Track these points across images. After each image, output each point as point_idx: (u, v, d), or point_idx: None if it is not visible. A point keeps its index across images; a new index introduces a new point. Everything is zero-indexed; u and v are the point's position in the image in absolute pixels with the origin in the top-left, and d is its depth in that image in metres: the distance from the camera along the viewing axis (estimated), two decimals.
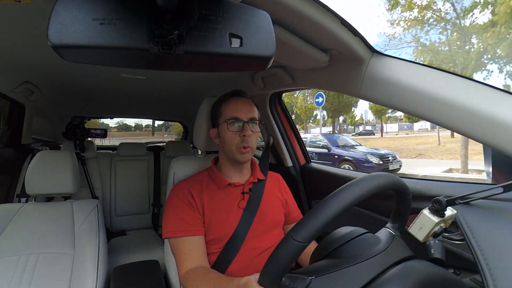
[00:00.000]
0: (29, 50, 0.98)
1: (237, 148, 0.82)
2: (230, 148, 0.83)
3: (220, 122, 0.85)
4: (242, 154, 0.82)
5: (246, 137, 0.81)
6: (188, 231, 0.77)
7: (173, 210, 0.81)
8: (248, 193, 0.86)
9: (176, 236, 0.77)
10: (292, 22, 0.60)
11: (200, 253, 0.76)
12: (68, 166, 1.15)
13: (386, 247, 0.50)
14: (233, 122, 0.82)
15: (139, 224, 1.96)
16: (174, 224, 0.78)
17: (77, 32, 0.29)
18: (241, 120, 0.82)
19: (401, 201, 0.57)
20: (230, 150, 0.83)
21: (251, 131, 0.82)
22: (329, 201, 0.44)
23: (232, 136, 0.82)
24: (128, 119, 35.40)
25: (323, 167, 1.36)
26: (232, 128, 0.82)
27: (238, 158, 0.83)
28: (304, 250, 0.42)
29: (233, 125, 0.82)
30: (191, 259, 0.74)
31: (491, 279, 0.36)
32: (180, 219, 0.78)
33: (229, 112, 0.83)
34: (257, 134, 0.87)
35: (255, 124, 0.85)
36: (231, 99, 0.86)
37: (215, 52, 0.33)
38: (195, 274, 0.70)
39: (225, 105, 0.85)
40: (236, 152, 0.82)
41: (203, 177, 0.89)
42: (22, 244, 1.00)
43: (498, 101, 0.53)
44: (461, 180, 0.88)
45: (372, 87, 0.71)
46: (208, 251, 0.80)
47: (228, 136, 0.82)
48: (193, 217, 0.79)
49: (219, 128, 0.86)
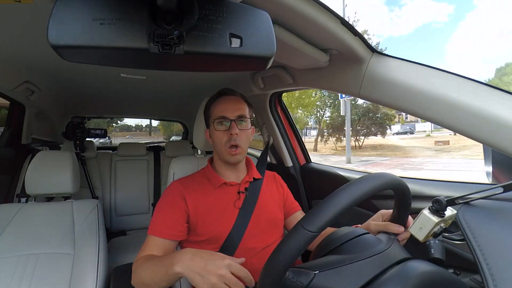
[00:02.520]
0: (29, 50, 0.98)
1: (226, 149, 0.81)
2: (219, 148, 0.83)
3: (210, 122, 0.86)
4: (232, 155, 0.82)
5: (233, 135, 0.80)
6: (166, 233, 0.76)
7: (161, 209, 0.81)
8: (244, 193, 0.86)
9: (153, 235, 0.76)
10: (292, 22, 0.60)
11: (162, 252, 0.75)
12: (68, 166, 1.15)
13: (387, 247, 0.51)
14: (221, 121, 0.82)
15: (139, 224, 1.96)
16: (156, 224, 0.78)
17: (77, 32, 0.29)
18: (228, 119, 0.81)
19: (401, 203, 0.57)
20: (220, 150, 0.83)
21: (239, 129, 0.81)
22: (340, 192, 0.44)
23: (220, 136, 0.82)
24: (129, 119, 36.31)
25: (323, 167, 1.36)
26: (219, 128, 0.82)
27: (228, 159, 0.83)
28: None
29: (221, 124, 0.82)
30: (150, 252, 0.73)
31: (491, 279, 0.36)
32: (163, 220, 0.78)
33: (217, 112, 0.83)
34: (248, 132, 0.85)
35: (244, 122, 0.84)
36: (219, 98, 0.86)
37: (215, 52, 0.33)
38: (140, 261, 0.70)
39: (214, 105, 0.85)
40: (226, 152, 0.82)
41: (199, 177, 0.89)
42: (22, 244, 1.00)
43: (498, 101, 0.53)
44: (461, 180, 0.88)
45: (372, 87, 0.71)
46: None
47: (216, 136, 0.83)
48: (177, 220, 0.78)
49: (210, 129, 0.86)
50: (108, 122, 7.12)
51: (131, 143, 2.20)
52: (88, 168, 1.84)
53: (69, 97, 1.74)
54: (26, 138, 1.62)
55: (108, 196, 1.92)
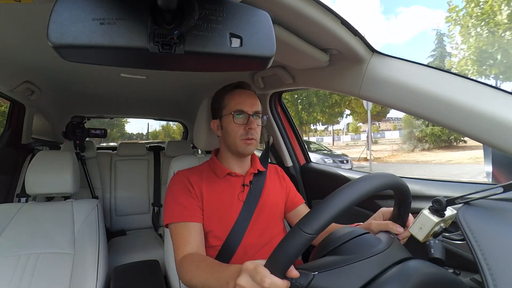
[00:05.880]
0: (29, 50, 0.98)
1: (241, 140, 0.81)
2: (233, 140, 0.82)
3: (224, 114, 0.84)
4: (247, 145, 0.82)
5: (252, 129, 0.81)
6: (187, 215, 0.77)
7: (173, 196, 0.81)
8: (249, 186, 0.86)
9: (176, 222, 0.77)
10: (292, 22, 0.60)
11: (198, 239, 0.76)
12: (68, 166, 1.15)
13: (387, 247, 0.51)
14: (238, 114, 0.82)
15: (139, 224, 1.96)
16: (174, 210, 0.78)
17: (77, 32, 0.29)
18: (246, 113, 0.82)
19: (401, 203, 0.57)
20: (234, 142, 0.83)
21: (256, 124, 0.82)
22: (339, 193, 0.44)
23: (236, 128, 0.82)
24: (129, 128, 37.42)
25: (323, 167, 1.36)
26: (237, 121, 0.82)
27: (241, 150, 0.83)
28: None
29: (238, 117, 0.82)
30: (188, 244, 0.73)
31: (491, 279, 0.36)
32: (180, 204, 0.78)
33: (234, 104, 0.82)
34: (260, 128, 0.87)
35: (258, 118, 0.85)
36: (236, 90, 0.85)
37: (215, 52, 0.33)
38: (190, 259, 0.69)
39: (230, 96, 0.84)
40: (240, 143, 0.82)
41: (204, 168, 0.89)
42: (22, 244, 1.00)
43: (498, 101, 0.53)
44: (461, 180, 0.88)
45: (372, 87, 0.71)
46: (209, 244, 0.80)
47: (232, 128, 0.82)
48: (192, 204, 0.79)
49: (223, 120, 0.85)
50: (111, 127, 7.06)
51: (131, 143, 2.20)
52: (88, 168, 1.84)
53: (69, 97, 1.74)
54: (26, 138, 1.62)
55: (108, 196, 1.92)
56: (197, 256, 0.71)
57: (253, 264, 0.46)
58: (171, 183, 0.85)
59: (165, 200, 0.83)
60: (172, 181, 0.85)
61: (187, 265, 0.68)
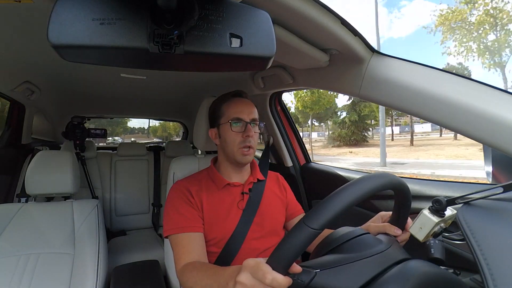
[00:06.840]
0: (29, 50, 0.98)
1: (239, 149, 0.82)
2: (231, 148, 0.83)
3: (222, 122, 0.85)
4: (244, 155, 0.82)
5: (250, 137, 0.82)
6: (188, 227, 0.77)
7: (174, 207, 0.81)
8: (248, 194, 0.86)
9: (177, 233, 0.77)
10: (292, 22, 0.60)
11: (199, 248, 0.76)
12: (68, 166, 1.15)
13: (387, 248, 0.51)
14: (236, 122, 0.82)
15: (139, 224, 1.96)
16: (174, 221, 0.78)
17: (77, 32, 0.29)
18: (243, 121, 0.82)
19: (401, 204, 0.57)
20: (231, 150, 0.83)
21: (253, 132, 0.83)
22: (342, 191, 0.44)
23: (234, 136, 0.82)
24: (132, 122, 38.47)
25: (323, 167, 1.36)
26: (235, 129, 0.82)
27: (239, 159, 0.83)
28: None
29: (236, 125, 0.82)
30: (189, 253, 0.74)
31: (491, 279, 0.36)
32: (181, 215, 0.78)
33: (232, 112, 0.83)
34: (258, 135, 0.87)
35: (256, 125, 0.86)
36: (234, 99, 0.86)
37: (215, 52, 0.33)
38: (191, 266, 0.70)
39: (227, 105, 0.85)
40: (238, 153, 0.82)
41: (203, 176, 0.89)
42: (22, 244, 1.00)
43: (498, 101, 0.53)
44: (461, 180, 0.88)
45: (372, 87, 0.71)
46: (208, 251, 0.80)
47: (230, 136, 0.82)
48: (193, 214, 0.79)
49: (220, 128, 0.86)
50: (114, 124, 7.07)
51: (131, 143, 2.20)
52: (88, 168, 1.84)
53: (69, 97, 1.74)
54: (26, 138, 1.62)
55: (108, 196, 1.92)
56: (197, 263, 0.71)
57: (254, 261, 0.46)
58: (170, 193, 0.85)
59: (165, 210, 0.83)
60: (172, 191, 0.85)
61: (188, 272, 0.68)
